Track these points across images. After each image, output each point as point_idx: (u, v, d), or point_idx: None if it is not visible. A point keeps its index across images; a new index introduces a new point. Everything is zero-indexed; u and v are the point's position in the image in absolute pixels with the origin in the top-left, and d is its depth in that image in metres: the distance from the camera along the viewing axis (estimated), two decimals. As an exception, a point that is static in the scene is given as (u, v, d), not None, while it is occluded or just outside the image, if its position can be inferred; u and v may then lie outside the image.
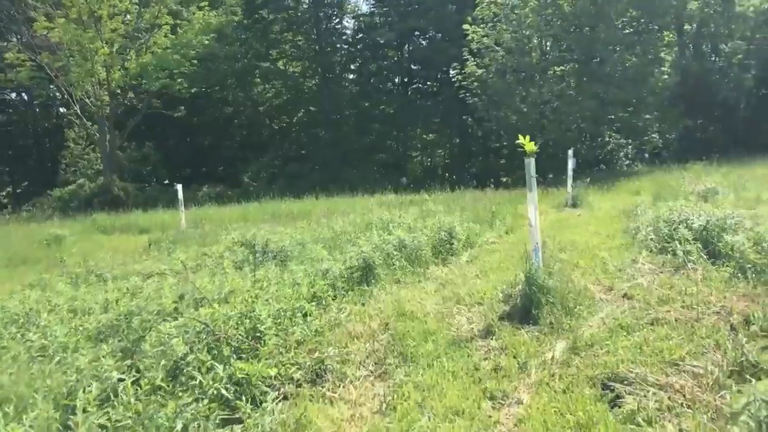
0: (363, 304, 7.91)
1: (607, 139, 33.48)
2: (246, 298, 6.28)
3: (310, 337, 6.32)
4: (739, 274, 7.56)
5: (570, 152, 17.84)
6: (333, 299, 7.87)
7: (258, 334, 5.83)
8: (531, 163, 7.19)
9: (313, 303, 7.48)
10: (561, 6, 30.81)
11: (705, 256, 8.39)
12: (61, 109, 36.09)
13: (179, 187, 17.68)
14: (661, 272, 8.32)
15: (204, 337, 5.36)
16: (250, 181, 37.07)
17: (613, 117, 32.35)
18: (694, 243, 8.63)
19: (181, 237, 14.52)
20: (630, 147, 34.41)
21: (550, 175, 35.91)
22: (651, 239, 9.88)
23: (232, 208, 23.33)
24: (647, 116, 32.69)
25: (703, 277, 7.62)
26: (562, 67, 31.95)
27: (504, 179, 38.35)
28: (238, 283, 7.32)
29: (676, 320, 6.21)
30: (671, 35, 34.03)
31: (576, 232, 12.57)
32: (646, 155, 36.56)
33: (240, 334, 5.62)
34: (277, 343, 5.89)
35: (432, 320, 6.95)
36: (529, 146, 7.08)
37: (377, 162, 39.82)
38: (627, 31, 31.57)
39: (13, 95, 40.61)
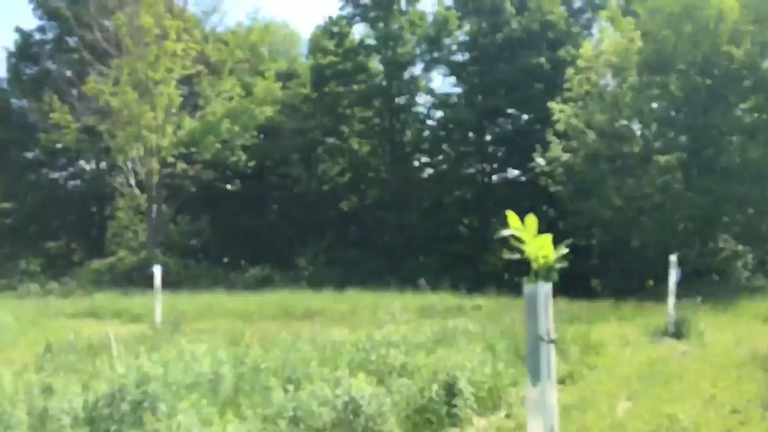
0: None
1: (721, 245, 27.63)
2: None
3: None
4: None
5: (673, 259, 12.89)
6: None
7: None
8: (541, 295, 2.81)
9: None
10: (666, 85, 26.08)
11: None
12: (119, 179, 34.26)
13: (157, 269, 14.04)
14: None
15: None
16: (305, 264, 33.50)
17: (728, 219, 26.70)
18: None
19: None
20: (750, 256, 28.27)
21: (650, 282, 30.24)
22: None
23: (252, 298, 19.53)
24: (773, 219, 26.77)
25: None
26: (668, 157, 26.88)
27: (594, 283, 32.88)
28: None
29: None
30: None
31: (679, 392, 7.70)
32: (771, 267, 30.16)
33: None
34: None
35: None
36: (540, 245, 2.81)
37: (448, 253, 35.38)
38: (749, 116, 26.27)
39: (82, 162, 39.43)
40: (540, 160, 28.77)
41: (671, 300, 12.76)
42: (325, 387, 6.07)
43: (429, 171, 38.30)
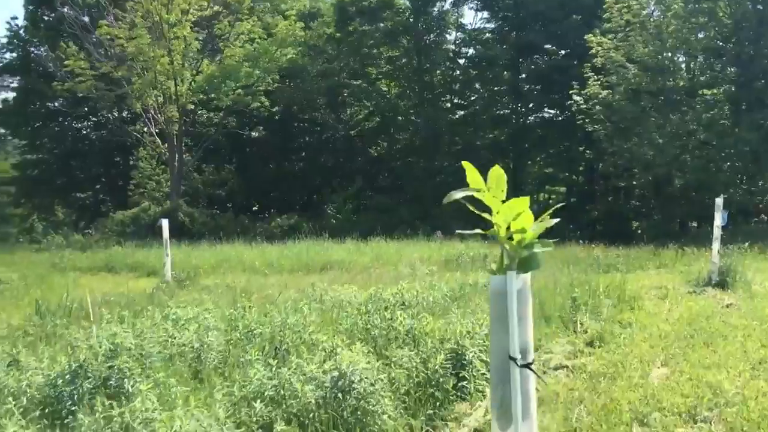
0: None
1: (771, 183, 26.05)
2: None
3: None
4: None
5: (719, 202, 11.74)
6: None
7: None
8: (513, 294, 1.85)
9: None
10: (714, 12, 24.11)
11: None
12: (140, 127, 33.66)
13: (164, 222, 13.43)
14: None
15: None
16: (333, 212, 32.81)
17: (778, 155, 25.11)
18: None
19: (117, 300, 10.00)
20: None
21: (694, 225, 28.83)
22: None
23: (271, 250, 18.92)
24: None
25: None
26: (715, 90, 25.16)
27: (634, 226, 31.55)
28: None
29: None
30: None
31: (723, 355, 6.78)
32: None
33: None
34: None
35: None
36: (513, 214, 1.84)
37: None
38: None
39: (104, 111, 38.95)
40: (577, 98, 27.25)
41: (716, 246, 11.65)
42: (313, 360, 5.30)
43: (460, 112, 36.91)
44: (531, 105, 36.86)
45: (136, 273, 16.08)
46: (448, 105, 37.07)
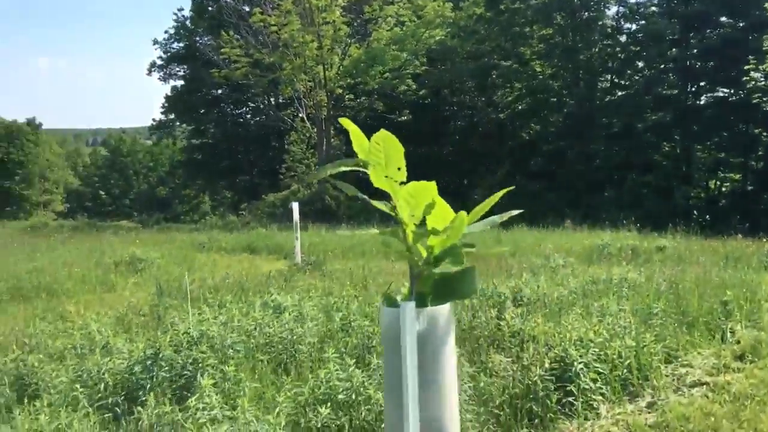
0: None
1: None
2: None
3: None
4: None
5: None
6: None
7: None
8: (409, 342, 1.25)
9: None
10: None
11: None
12: (292, 112, 34.77)
13: (295, 206, 13.53)
14: None
15: None
16: (479, 198, 31.98)
17: None
18: None
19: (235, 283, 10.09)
20: None
21: None
22: None
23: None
24: None
25: None
26: None
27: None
28: None
29: None
30: None
31: None
32: None
33: None
34: None
35: None
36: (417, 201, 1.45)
37: (640, 185, 31.83)
38: None
39: (260, 97, 40.72)
40: (755, 74, 24.31)
41: None
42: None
43: (619, 93, 34.40)
44: (702, 83, 33.57)
45: (275, 255, 16.41)
46: (606, 85, 34.71)
